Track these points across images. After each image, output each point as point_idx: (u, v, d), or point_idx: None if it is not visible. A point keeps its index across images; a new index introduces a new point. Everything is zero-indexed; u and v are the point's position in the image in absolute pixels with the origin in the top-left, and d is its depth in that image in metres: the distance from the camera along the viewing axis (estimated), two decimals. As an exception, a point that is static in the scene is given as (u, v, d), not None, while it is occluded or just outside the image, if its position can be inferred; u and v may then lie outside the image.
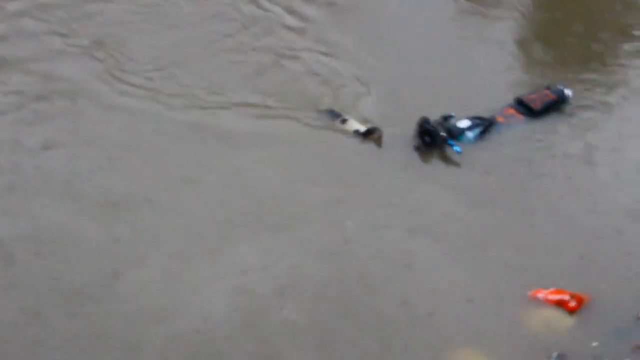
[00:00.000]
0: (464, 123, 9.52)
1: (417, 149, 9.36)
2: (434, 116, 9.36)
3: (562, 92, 9.93)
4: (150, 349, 7.12)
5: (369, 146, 9.31)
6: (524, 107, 9.83)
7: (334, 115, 9.60)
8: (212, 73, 10.29)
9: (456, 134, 9.42)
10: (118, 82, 9.99)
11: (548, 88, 10.02)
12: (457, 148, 9.25)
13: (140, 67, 10.25)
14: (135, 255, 7.88)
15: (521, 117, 9.78)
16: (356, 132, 9.36)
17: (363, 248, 8.13)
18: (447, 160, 9.29)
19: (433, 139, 9.30)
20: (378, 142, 9.32)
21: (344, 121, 9.50)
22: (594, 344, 7.22)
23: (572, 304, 7.54)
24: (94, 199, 8.46)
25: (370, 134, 9.32)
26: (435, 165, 9.27)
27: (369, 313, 7.50)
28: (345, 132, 9.38)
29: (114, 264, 7.79)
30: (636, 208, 8.65)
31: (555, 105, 9.89)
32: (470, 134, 9.49)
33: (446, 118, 9.41)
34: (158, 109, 9.65)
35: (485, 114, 9.70)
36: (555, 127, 9.72)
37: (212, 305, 7.49)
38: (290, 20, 11.31)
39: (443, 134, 9.29)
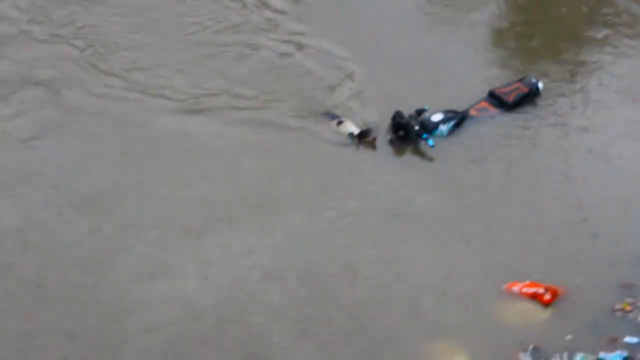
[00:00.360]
0: (437, 117, 9.51)
1: (391, 142, 9.35)
2: (408, 110, 9.35)
3: (534, 84, 9.96)
4: (134, 338, 7.18)
5: (349, 141, 9.33)
6: (497, 100, 9.84)
7: (331, 117, 9.56)
8: (196, 69, 10.24)
9: (430, 128, 9.41)
10: (98, 77, 9.96)
11: (520, 81, 10.04)
12: (430, 142, 9.24)
13: (121, 63, 10.19)
14: (119, 247, 7.95)
15: (494, 110, 9.78)
16: (351, 134, 9.32)
17: (344, 238, 8.19)
18: (421, 153, 9.30)
19: (407, 132, 9.30)
20: (372, 144, 9.30)
21: (340, 123, 9.46)
22: (569, 337, 7.27)
23: (547, 296, 7.59)
24: (77, 192, 8.49)
25: (364, 137, 9.29)
26: (413, 159, 9.29)
27: (349, 302, 7.56)
28: (339, 134, 9.36)
29: (97, 255, 7.85)
30: (610, 200, 8.69)
31: (528, 97, 9.91)
32: (443, 128, 9.49)
33: (420, 112, 9.40)
34: (140, 103, 9.63)
35: (459, 107, 9.69)
36: (529, 120, 9.74)
37: (196, 292, 7.58)
38: (271, 15, 11.26)
39: (417, 127, 9.29)
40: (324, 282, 7.73)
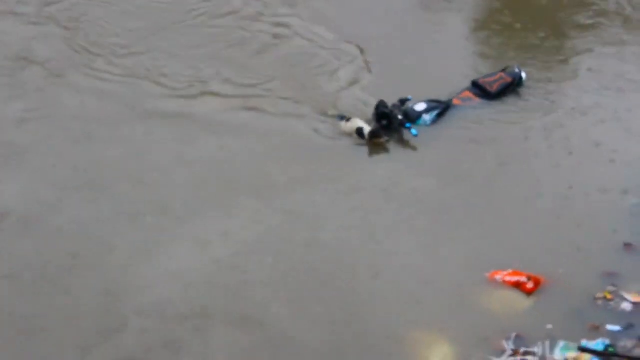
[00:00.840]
0: (421, 106, 9.52)
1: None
2: (391, 99, 9.36)
3: (517, 74, 9.97)
4: (134, 320, 7.24)
5: (336, 130, 9.39)
6: (481, 90, 9.86)
7: (339, 118, 9.51)
8: (190, 54, 10.34)
9: (413, 117, 9.42)
10: (90, 61, 10.10)
11: (504, 71, 10.05)
12: (413, 131, 9.24)
13: (117, 47, 10.33)
14: (117, 229, 8.06)
15: (478, 100, 9.80)
16: (360, 130, 9.25)
17: (333, 223, 8.26)
18: (405, 143, 9.29)
19: (390, 122, 9.28)
20: (384, 145, 9.25)
21: (348, 120, 9.40)
22: (549, 326, 7.27)
23: (530, 285, 7.59)
24: (73, 175, 8.62)
25: (376, 137, 9.21)
26: (396, 148, 9.27)
27: (336, 288, 7.62)
28: (348, 133, 9.33)
29: (96, 238, 7.98)
30: (594, 189, 8.69)
31: (511, 87, 9.93)
32: (427, 117, 9.50)
33: (403, 101, 9.40)
34: (134, 88, 9.75)
35: (443, 97, 9.71)
36: (512, 109, 9.76)
37: (193, 272, 7.68)
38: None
39: (400, 117, 9.27)
40: (313, 265, 7.84)
